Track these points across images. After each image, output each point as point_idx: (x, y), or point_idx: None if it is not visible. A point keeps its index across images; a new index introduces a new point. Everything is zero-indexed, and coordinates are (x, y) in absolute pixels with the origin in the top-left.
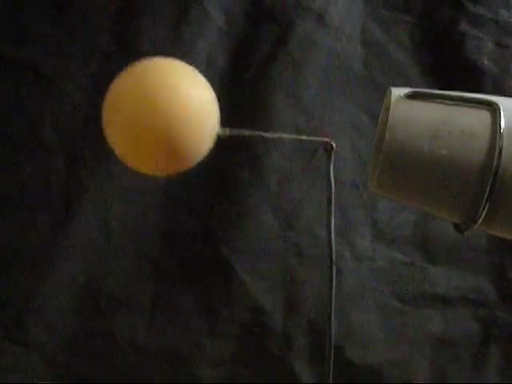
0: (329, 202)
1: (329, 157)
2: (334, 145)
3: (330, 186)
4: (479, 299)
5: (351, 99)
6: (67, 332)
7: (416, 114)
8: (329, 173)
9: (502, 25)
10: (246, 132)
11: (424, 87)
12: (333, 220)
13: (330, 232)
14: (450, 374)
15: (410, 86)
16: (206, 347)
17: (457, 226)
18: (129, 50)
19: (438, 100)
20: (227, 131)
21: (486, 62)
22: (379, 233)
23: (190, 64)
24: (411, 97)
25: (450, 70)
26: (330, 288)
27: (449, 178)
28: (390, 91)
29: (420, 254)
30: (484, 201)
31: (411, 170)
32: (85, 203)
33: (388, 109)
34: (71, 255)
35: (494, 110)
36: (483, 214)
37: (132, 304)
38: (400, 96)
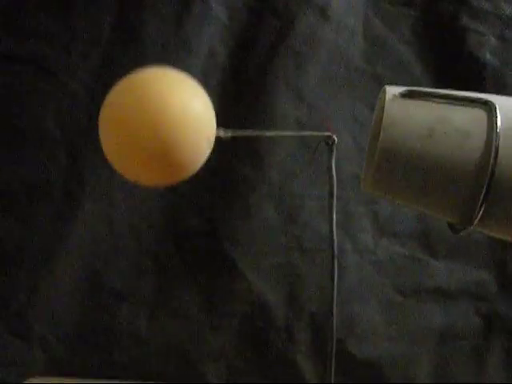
0: (330, 196)
1: (330, 151)
2: (335, 139)
3: (331, 180)
4: (481, 293)
5: (353, 93)
6: (69, 326)
7: (411, 113)
8: (330, 167)
9: (505, 19)
10: (248, 132)
11: (426, 81)
12: (334, 214)
13: (331, 226)
14: (451, 367)
15: (412, 81)
16: (207, 341)
17: (452, 227)
18: (131, 45)
19: (433, 99)
20: (229, 133)
21: (488, 56)
22: (381, 226)
23: (192, 58)
24: (406, 95)
25: (452, 64)
26: (332, 282)
27: (444, 178)
28: (385, 90)
29: (421, 247)
30: (480, 201)
31: (406, 169)
32: (86, 197)
33: (382, 108)
34: (73, 249)
35: (489, 108)
36: (479, 215)
37: (134, 298)
38: (394, 95)
